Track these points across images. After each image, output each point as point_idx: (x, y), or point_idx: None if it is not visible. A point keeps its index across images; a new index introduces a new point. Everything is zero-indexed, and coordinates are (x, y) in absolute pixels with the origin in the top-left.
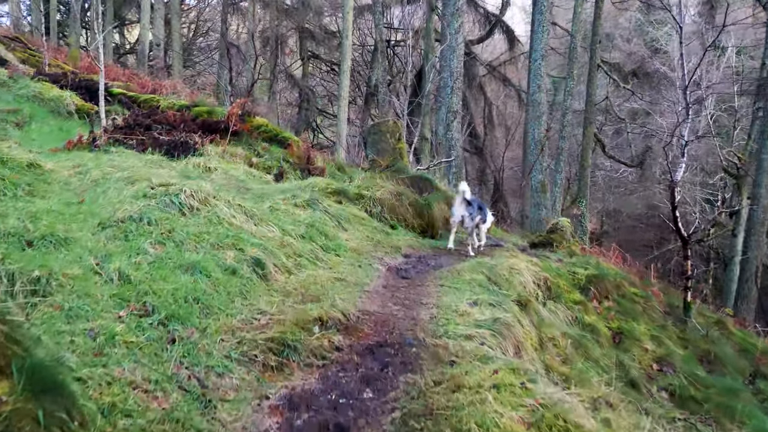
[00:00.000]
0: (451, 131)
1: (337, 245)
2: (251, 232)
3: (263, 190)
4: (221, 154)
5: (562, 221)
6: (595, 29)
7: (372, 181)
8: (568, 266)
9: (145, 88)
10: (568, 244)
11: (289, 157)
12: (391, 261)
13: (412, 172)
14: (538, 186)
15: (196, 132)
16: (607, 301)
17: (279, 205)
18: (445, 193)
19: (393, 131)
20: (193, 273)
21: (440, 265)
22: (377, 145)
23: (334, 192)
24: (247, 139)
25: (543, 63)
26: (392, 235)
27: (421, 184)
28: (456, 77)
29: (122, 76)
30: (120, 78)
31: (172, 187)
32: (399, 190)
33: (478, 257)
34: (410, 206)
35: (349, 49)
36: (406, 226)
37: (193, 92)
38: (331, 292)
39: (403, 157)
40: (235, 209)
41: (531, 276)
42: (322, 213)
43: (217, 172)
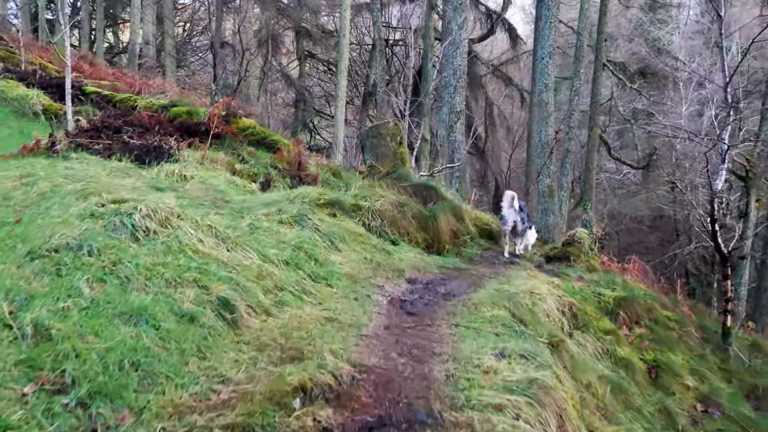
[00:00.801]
0: (454, 133)
1: (329, 272)
2: (222, 260)
3: (245, 203)
4: (200, 160)
5: (580, 233)
6: (600, 27)
7: (370, 190)
8: (592, 286)
9: (132, 87)
10: (586, 257)
11: (278, 163)
12: (393, 289)
13: (415, 179)
14: (545, 190)
15: (172, 135)
16: (639, 328)
17: (261, 223)
18: (451, 202)
19: (393, 134)
20: (136, 323)
21: (451, 292)
22: (376, 150)
23: (327, 203)
24: (230, 143)
25: (550, 61)
26: (394, 254)
27: (425, 192)
28: (459, 75)
29: (110, 75)
30: (107, 77)
31: (125, 204)
32: (401, 200)
33: (494, 282)
34: (413, 218)
35: (347, 48)
36: (409, 241)
37: (183, 92)
38: (320, 341)
39: (405, 162)
40: (204, 231)
41: (554, 302)
42: (312, 231)
43: (194, 181)
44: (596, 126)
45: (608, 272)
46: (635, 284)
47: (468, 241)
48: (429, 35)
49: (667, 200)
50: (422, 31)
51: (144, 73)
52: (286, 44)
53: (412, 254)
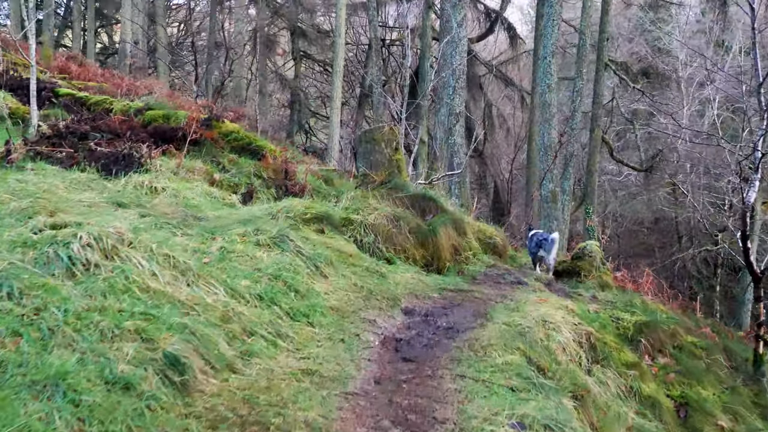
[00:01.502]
0: (453, 136)
1: (312, 306)
2: (178, 300)
3: (219, 220)
4: (175, 169)
5: (591, 245)
6: (602, 26)
7: (363, 202)
8: (608, 308)
9: (120, 88)
10: (598, 273)
11: (263, 172)
12: (387, 323)
13: (412, 189)
14: (548, 195)
15: (145, 141)
16: (662, 356)
17: (234, 245)
18: (452, 215)
19: (389, 140)
20: (51, 396)
21: (455, 326)
22: (370, 156)
23: (314, 218)
24: (210, 150)
25: (553, 60)
26: (388, 276)
27: (424, 204)
28: (459, 75)
29: (99, 76)
30: (96, 78)
31: (65, 230)
32: (396, 213)
33: (503, 309)
34: (411, 234)
35: (342, 48)
36: (406, 258)
37: (173, 93)
38: (293, 407)
39: (401, 170)
40: (159, 262)
41: (571, 332)
42: (294, 254)
43: (165, 193)
44: (598, 127)
45: (623, 291)
46: (655, 305)
47: (470, 258)
48: (426, 35)
49: (668, 202)
50: (419, 30)
51: (134, 74)
52: (281, 44)
53: (410, 275)
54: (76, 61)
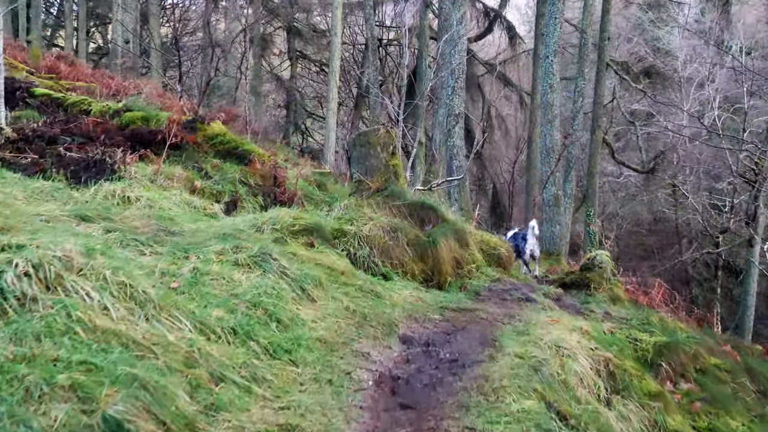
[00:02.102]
0: (452, 138)
1: (295, 339)
2: (133, 339)
3: (196, 235)
4: (152, 176)
5: (601, 256)
6: (603, 25)
7: (357, 211)
8: (624, 327)
9: (109, 88)
10: (609, 285)
11: (250, 178)
12: (382, 357)
13: (410, 196)
14: (550, 199)
15: (121, 145)
16: (685, 381)
17: (209, 266)
18: (453, 224)
19: (385, 143)
20: None
21: (459, 359)
22: (365, 162)
23: (303, 230)
24: (192, 155)
25: (555, 60)
26: (384, 296)
27: (423, 213)
28: (458, 75)
29: (89, 76)
30: (86, 78)
31: (1, 255)
32: (393, 224)
33: (512, 333)
34: (409, 246)
35: (338, 48)
36: (404, 273)
37: (163, 94)
38: None
39: (399, 176)
40: (114, 292)
41: (587, 358)
42: (278, 276)
43: (139, 204)
44: (599, 128)
45: (636, 304)
46: (673, 323)
47: (473, 271)
48: (424, 34)
49: (668, 204)
50: (417, 30)
51: (124, 74)
52: (277, 44)
53: (408, 292)
54: (67, 61)
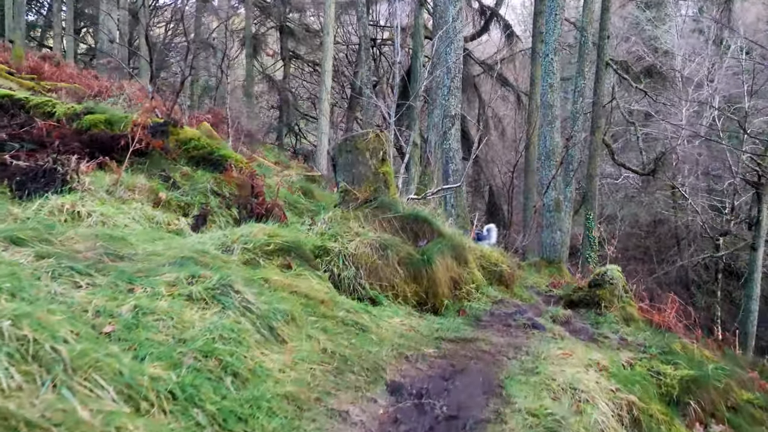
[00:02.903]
0: (448, 141)
1: (254, 400)
2: (26, 420)
3: (150, 260)
4: (110, 187)
5: (611, 271)
6: (603, 23)
7: (343, 225)
8: (643, 357)
9: (91, 89)
10: (621, 303)
11: (225, 187)
12: (364, 417)
13: (403, 207)
14: (551, 204)
15: (78, 152)
16: (716, 423)
17: (156, 301)
18: (450, 239)
19: (374, 149)
20: None
21: (459, 415)
22: (352, 169)
23: (280, 249)
24: (160, 162)
25: (556, 58)
26: (370, 328)
27: (416, 227)
28: (454, 74)
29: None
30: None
31: None
32: (383, 240)
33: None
34: (401, 265)
35: (331, 47)
36: (394, 296)
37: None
38: None
39: (390, 185)
40: (12, 350)
41: (608, 401)
42: (239, 313)
43: (90, 220)
44: (599, 129)
45: (650, 324)
46: (698, 350)
47: (473, 292)
48: (419, 33)
49: (667, 205)
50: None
51: (110, 74)
52: (269, 44)
53: (398, 320)
54: (53, 62)
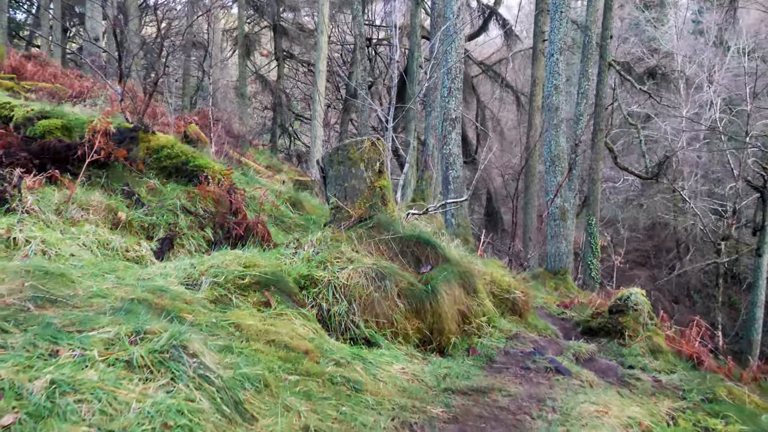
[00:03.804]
0: (448, 145)
1: None
2: None
3: (90, 304)
4: (60, 205)
5: (635, 295)
6: (605, 22)
7: (334, 249)
8: (686, 405)
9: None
10: (646, 332)
11: (199, 203)
12: None
13: (402, 226)
14: (556, 212)
15: (25, 164)
16: None
17: (85, 372)
18: (457, 264)
19: (370, 160)
20: None
21: None
22: (344, 182)
23: (257, 283)
24: (122, 174)
25: (561, 58)
26: (364, 385)
27: (418, 250)
28: (455, 75)
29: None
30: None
31: None
32: (380, 268)
33: None
34: (401, 297)
35: (325, 46)
36: (393, 335)
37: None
38: None
39: (387, 202)
40: None
41: None
42: (193, 385)
43: (28, 248)
44: (601, 132)
45: (684, 360)
46: (746, 396)
47: (483, 326)
48: (416, 33)
49: (666, 208)
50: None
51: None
52: (263, 44)
53: (399, 366)
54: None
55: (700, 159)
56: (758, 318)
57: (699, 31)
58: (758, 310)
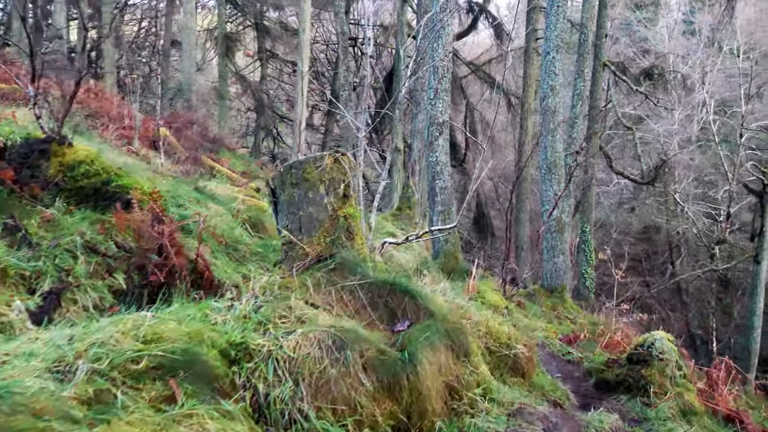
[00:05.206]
0: (435, 152)
1: None
2: None
3: None
4: None
5: (660, 341)
6: (600, 21)
7: (281, 301)
8: None
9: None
10: (675, 387)
11: (116, 237)
12: None
13: (374, 267)
14: (552, 224)
15: None
16: None
17: None
18: (444, 319)
19: (332, 180)
20: None
21: None
22: (299, 210)
23: (158, 367)
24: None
25: (558, 57)
26: None
27: (393, 300)
28: (442, 74)
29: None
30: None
31: None
32: (339, 331)
33: None
34: (367, 371)
35: (307, 45)
36: (357, 425)
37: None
38: None
39: (355, 235)
40: None
41: None
42: None
43: None
44: (596, 135)
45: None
46: None
47: (477, 401)
48: (402, 32)
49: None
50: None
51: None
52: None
53: None
54: None
55: (693, 161)
56: (756, 327)
57: (691, 32)
58: (756, 319)
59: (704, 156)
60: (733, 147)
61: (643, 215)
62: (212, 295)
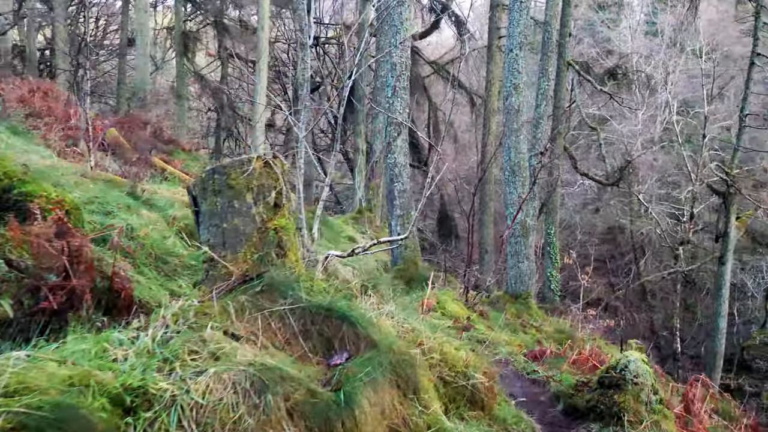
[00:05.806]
0: (393, 154)
1: None
2: None
3: None
4: None
5: (634, 363)
6: (564, 20)
7: (195, 332)
8: None
9: None
10: (651, 414)
11: (8, 251)
12: None
13: (310, 288)
14: (517, 228)
15: None
16: None
17: None
18: (389, 349)
19: (261, 188)
20: None
21: None
22: (222, 222)
23: (18, 429)
24: None
25: (521, 54)
26: None
27: (329, 328)
28: (399, 72)
29: None
30: None
31: None
32: (259, 370)
33: None
34: (294, 418)
35: (266, 42)
36: None
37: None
38: None
39: (288, 250)
40: None
41: None
42: None
43: None
44: (560, 135)
45: None
46: None
47: None
48: (364, 30)
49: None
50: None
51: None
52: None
53: None
54: None
55: (657, 162)
56: (722, 328)
57: (654, 33)
58: (722, 321)
59: (668, 156)
60: (696, 147)
61: (608, 216)
62: (126, 321)
